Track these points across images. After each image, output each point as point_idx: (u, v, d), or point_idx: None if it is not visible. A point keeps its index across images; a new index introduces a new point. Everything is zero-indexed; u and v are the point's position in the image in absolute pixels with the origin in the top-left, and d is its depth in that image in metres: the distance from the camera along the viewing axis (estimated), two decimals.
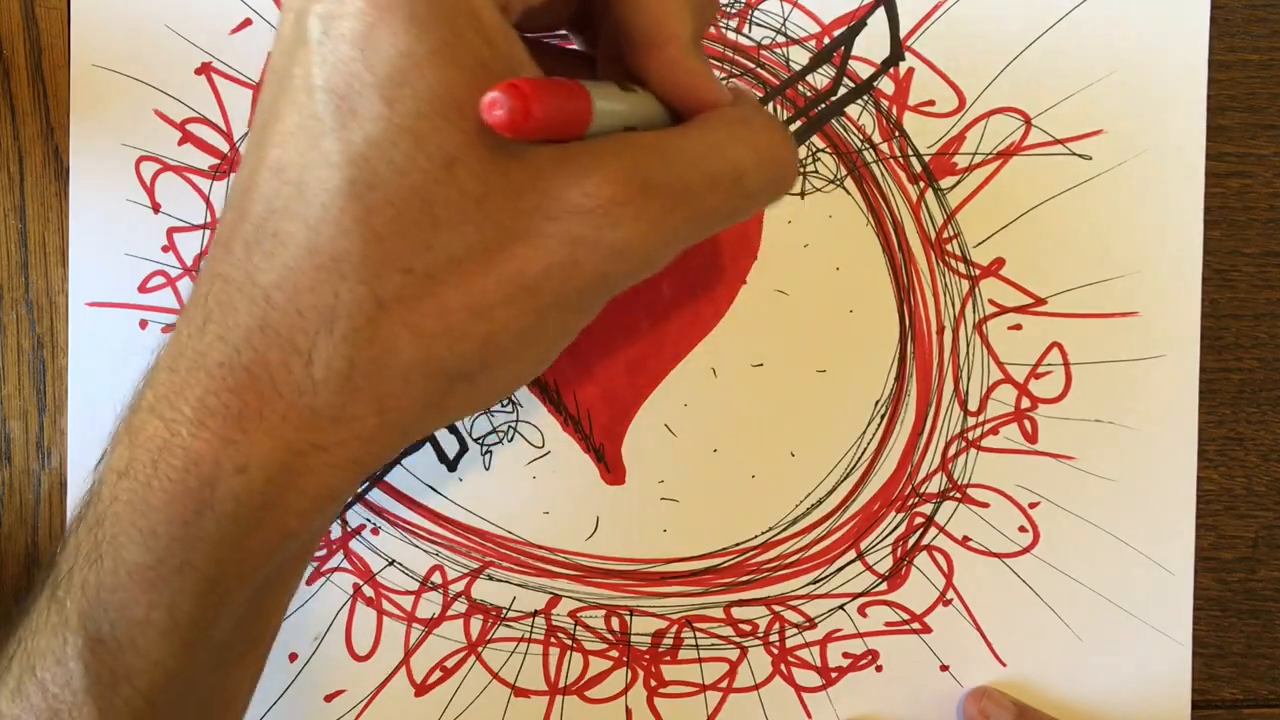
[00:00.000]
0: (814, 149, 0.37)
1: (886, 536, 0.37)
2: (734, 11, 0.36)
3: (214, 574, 0.22)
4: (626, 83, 0.24)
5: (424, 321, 0.21)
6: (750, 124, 0.24)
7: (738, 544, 0.37)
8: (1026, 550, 0.37)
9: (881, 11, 0.36)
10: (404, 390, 0.22)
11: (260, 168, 0.21)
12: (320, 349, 0.21)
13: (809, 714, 0.37)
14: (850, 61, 0.37)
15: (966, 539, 0.37)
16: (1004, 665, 0.37)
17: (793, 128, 0.37)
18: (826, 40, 0.36)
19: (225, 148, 0.36)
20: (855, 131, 0.37)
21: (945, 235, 0.37)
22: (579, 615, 0.37)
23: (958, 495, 0.37)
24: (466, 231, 0.21)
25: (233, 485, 0.21)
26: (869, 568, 0.37)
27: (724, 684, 0.37)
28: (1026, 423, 0.37)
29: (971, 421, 0.37)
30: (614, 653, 0.37)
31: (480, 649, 0.37)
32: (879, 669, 0.37)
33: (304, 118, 0.21)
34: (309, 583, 0.37)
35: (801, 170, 0.37)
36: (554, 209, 0.21)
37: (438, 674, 0.37)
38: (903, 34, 0.36)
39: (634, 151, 0.22)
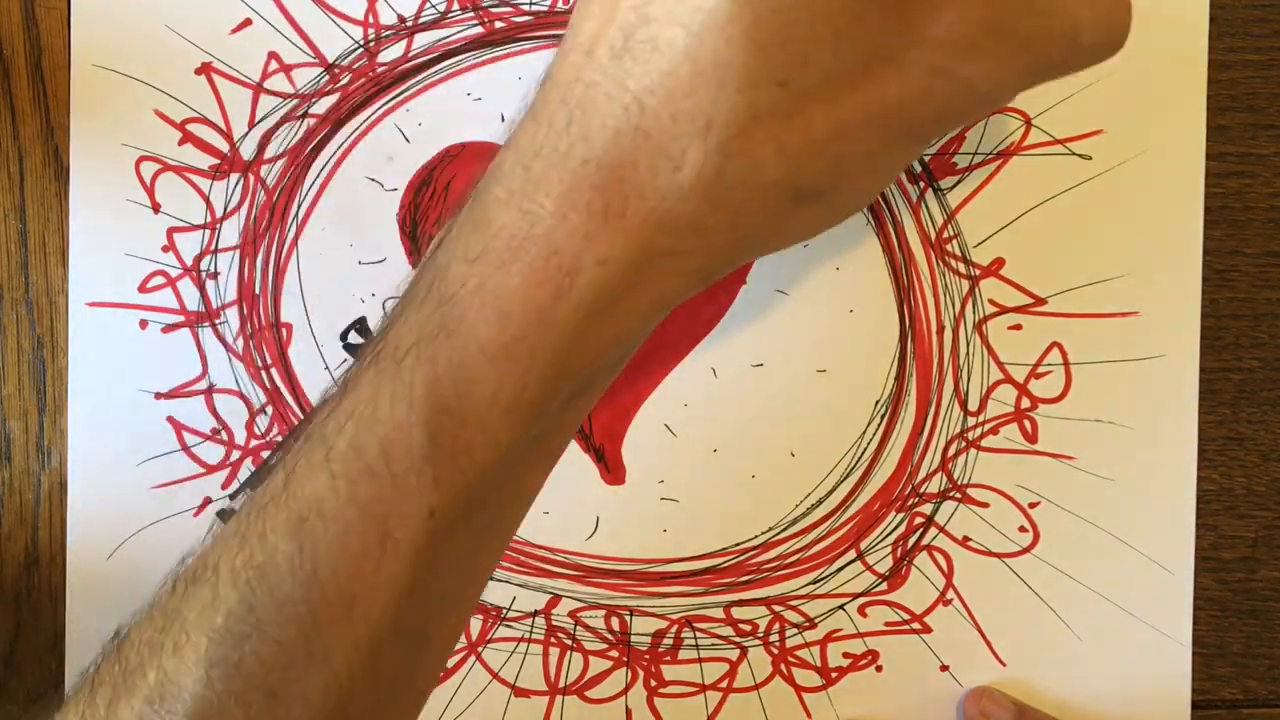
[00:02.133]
0: None
1: (886, 536, 0.37)
2: None
3: (559, 360, 0.23)
4: None
5: (790, 137, 0.22)
6: None
7: (738, 544, 0.37)
8: (1026, 550, 0.37)
9: None
10: (760, 205, 0.22)
11: None
12: (691, 156, 0.21)
13: (809, 714, 0.37)
14: None
15: (966, 539, 0.37)
16: (1004, 665, 0.37)
17: None
18: None
19: (225, 148, 0.36)
20: None
21: (945, 235, 0.37)
22: (579, 615, 0.37)
23: (958, 495, 0.37)
24: (841, 50, 0.21)
25: (592, 276, 0.22)
26: (869, 568, 0.37)
27: (724, 684, 0.37)
28: (1026, 423, 0.37)
29: (971, 421, 0.37)
30: (614, 653, 0.37)
31: (480, 649, 0.37)
32: (879, 669, 0.37)
33: None
34: None
35: None
36: (917, 36, 0.22)
37: None
38: None
39: None
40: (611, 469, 0.37)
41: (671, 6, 0.21)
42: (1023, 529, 0.37)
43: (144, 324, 0.36)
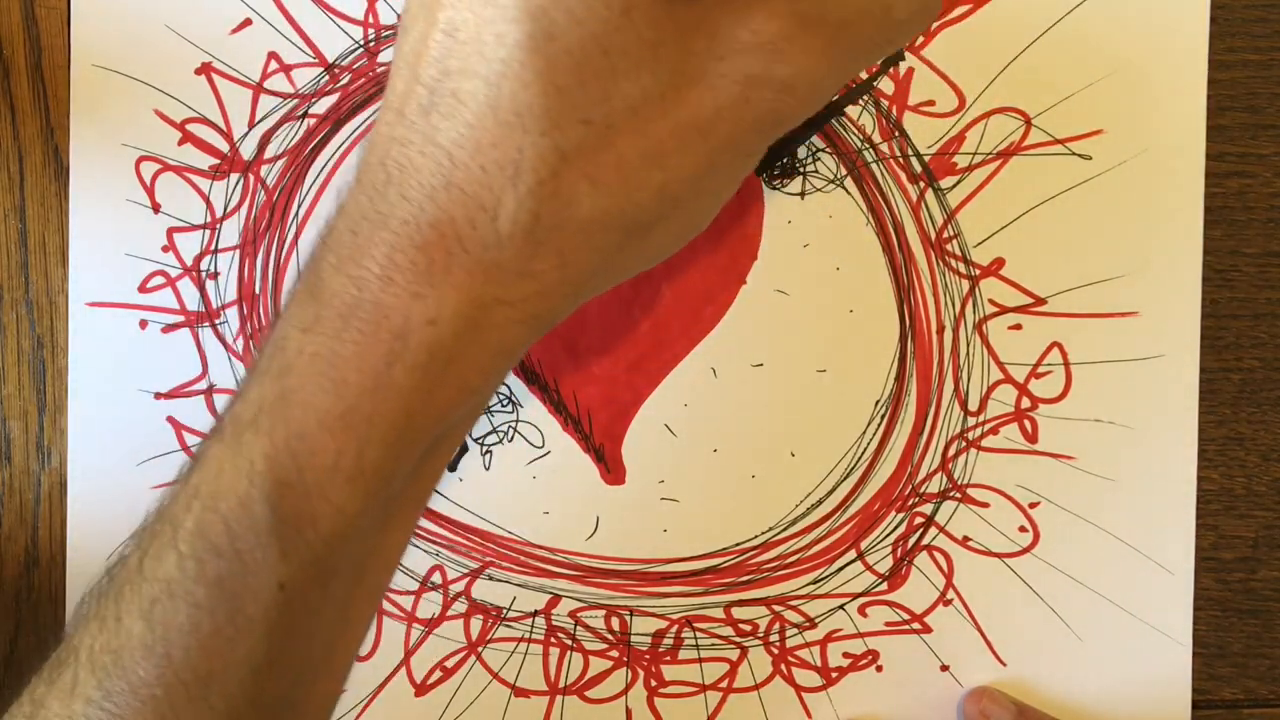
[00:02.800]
0: (814, 149, 0.37)
1: (886, 536, 0.37)
2: None
3: (401, 424, 0.23)
4: None
5: (603, 172, 0.22)
6: None
7: (738, 544, 0.37)
8: (1026, 550, 0.37)
9: None
10: (584, 243, 0.22)
11: (431, 30, 0.22)
12: (505, 204, 0.21)
13: (809, 714, 0.37)
14: None
15: (966, 539, 0.37)
16: (1004, 665, 0.37)
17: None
18: None
19: (225, 148, 0.36)
20: (855, 131, 0.37)
21: (945, 235, 0.37)
22: (579, 615, 0.37)
23: (958, 495, 0.37)
24: (642, 79, 0.21)
25: (423, 337, 0.22)
26: (869, 568, 0.37)
27: (724, 684, 0.37)
28: (1026, 423, 0.37)
29: (971, 421, 0.37)
30: (614, 653, 0.37)
31: (480, 649, 0.37)
32: (879, 669, 0.37)
33: None
34: None
35: (801, 170, 0.37)
36: (722, 49, 0.21)
37: (438, 674, 0.37)
38: None
39: None
40: (611, 469, 0.37)
41: (468, 58, 0.21)
42: (1023, 529, 0.37)
43: (144, 324, 0.36)
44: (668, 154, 0.22)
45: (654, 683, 0.37)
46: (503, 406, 0.37)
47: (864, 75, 0.36)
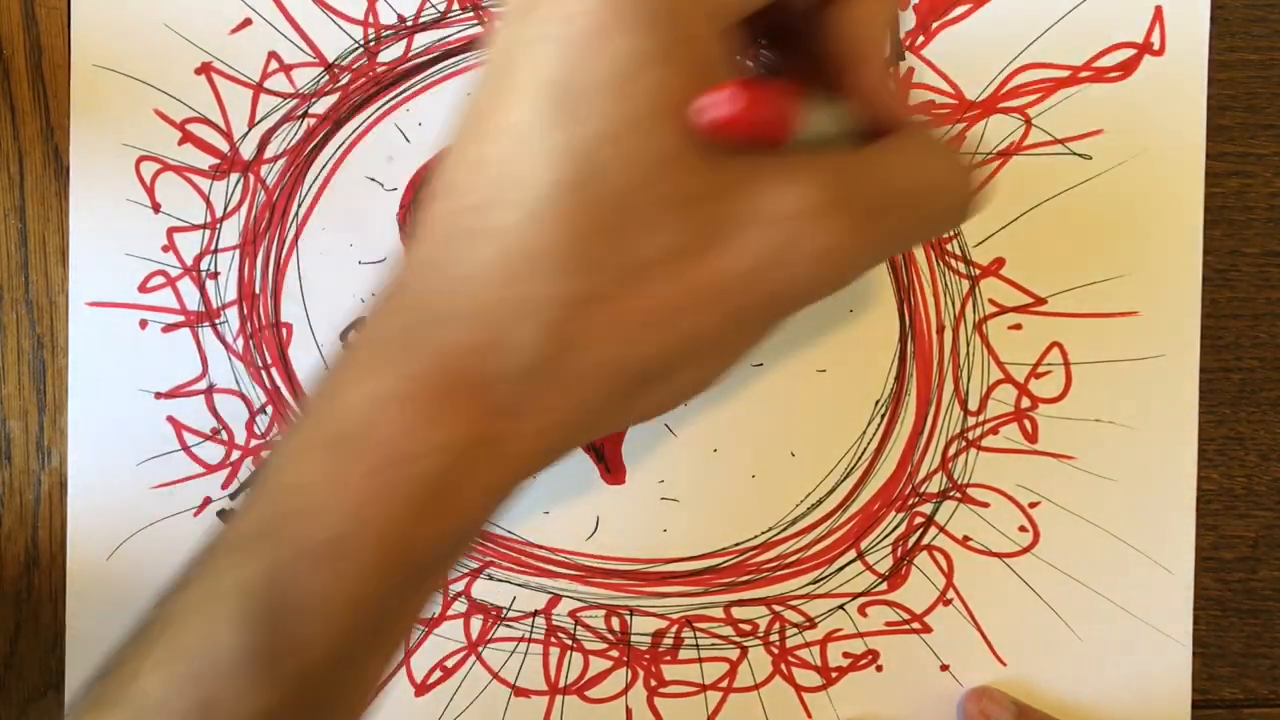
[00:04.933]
0: None
1: (886, 536, 0.37)
2: None
3: (391, 555, 0.22)
4: (831, 95, 0.24)
5: (627, 316, 0.21)
6: (940, 150, 0.24)
7: (738, 544, 0.37)
8: (1026, 550, 0.37)
9: None
10: (588, 388, 0.22)
11: (475, 160, 0.22)
12: (512, 341, 0.21)
13: (809, 714, 0.37)
14: None
15: (966, 539, 0.37)
16: (1004, 665, 0.37)
17: None
18: None
19: (225, 148, 0.36)
20: None
21: (945, 235, 0.37)
22: (579, 615, 0.37)
23: (958, 495, 0.37)
24: (666, 234, 0.21)
25: (421, 467, 0.22)
26: (869, 567, 0.37)
27: (724, 684, 0.37)
28: (1026, 422, 0.37)
29: (971, 421, 0.37)
30: (614, 653, 0.37)
31: (480, 649, 0.37)
32: (879, 669, 0.37)
33: (524, 112, 0.21)
34: None
35: None
36: (752, 215, 0.21)
37: (438, 674, 0.37)
38: (903, 34, 0.36)
39: (834, 164, 0.22)
40: (611, 469, 0.37)
41: (499, 193, 0.21)
42: (1023, 529, 0.37)
43: (144, 324, 0.36)
44: (679, 311, 0.22)
45: (654, 682, 0.37)
46: None
47: None
